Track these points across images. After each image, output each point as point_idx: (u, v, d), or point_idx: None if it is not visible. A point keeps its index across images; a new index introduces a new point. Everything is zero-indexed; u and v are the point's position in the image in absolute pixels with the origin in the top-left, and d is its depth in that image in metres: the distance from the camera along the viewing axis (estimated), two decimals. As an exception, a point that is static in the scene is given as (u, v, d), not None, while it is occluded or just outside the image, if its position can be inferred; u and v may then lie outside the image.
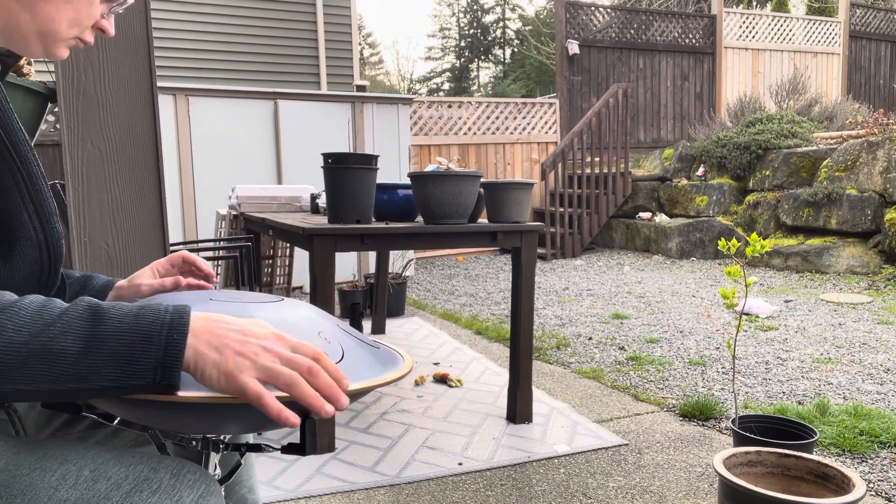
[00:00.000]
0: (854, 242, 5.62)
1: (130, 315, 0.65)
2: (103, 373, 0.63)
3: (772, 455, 1.67)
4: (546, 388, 2.92)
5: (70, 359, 0.62)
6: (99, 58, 1.69)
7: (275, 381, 0.66)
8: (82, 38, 0.84)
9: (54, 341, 0.62)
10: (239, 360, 0.66)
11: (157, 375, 0.64)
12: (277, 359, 0.67)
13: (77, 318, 0.64)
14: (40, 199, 0.82)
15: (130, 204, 1.76)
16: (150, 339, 0.64)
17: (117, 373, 0.63)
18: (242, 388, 0.65)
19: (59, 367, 0.62)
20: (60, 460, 0.71)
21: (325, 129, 5.65)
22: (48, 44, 0.81)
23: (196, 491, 0.71)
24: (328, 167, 2.23)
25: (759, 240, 1.91)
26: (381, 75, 34.49)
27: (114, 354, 0.63)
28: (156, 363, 0.64)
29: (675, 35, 9.51)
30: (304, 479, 2.02)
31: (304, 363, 0.68)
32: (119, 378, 0.63)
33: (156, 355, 0.64)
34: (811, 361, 3.20)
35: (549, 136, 8.64)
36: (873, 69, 10.94)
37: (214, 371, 0.65)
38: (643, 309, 4.55)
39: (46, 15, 0.78)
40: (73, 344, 0.63)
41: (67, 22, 0.80)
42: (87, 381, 0.63)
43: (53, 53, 0.83)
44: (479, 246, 2.51)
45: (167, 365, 0.64)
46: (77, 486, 0.68)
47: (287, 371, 0.66)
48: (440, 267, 7.03)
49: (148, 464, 0.72)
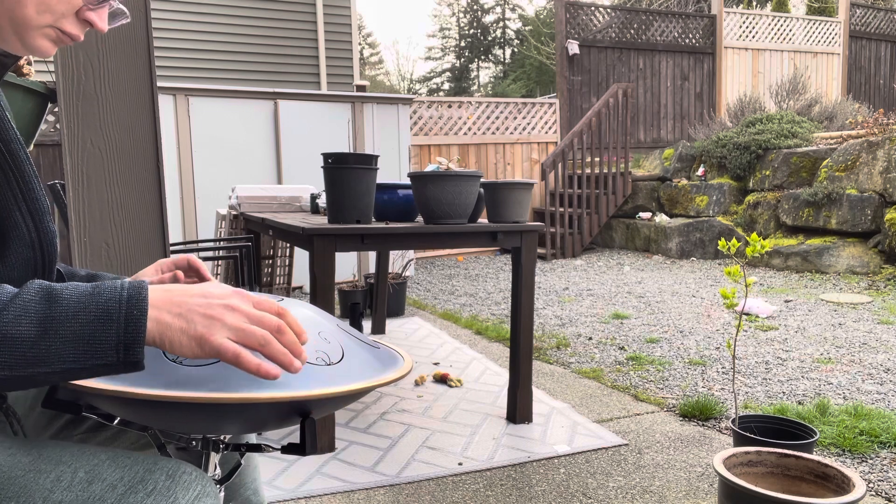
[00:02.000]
0: (854, 242, 5.62)
1: (86, 294, 0.64)
2: (63, 355, 0.62)
3: (772, 455, 1.67)
4: (546, 388, 2.92)
5: (27, 343, 0.61)
6: (99, 58, 1.69)
7: (247, 340, 0.66)
8: (62, 29, 0.80)
9: (8, 326, 0.61)
10: (208, 322, 0.65)
11: (120, 353, 0.63)
12: (245, 317, 0.67)
13: (30, 300, 0.62)
14: (33, 197, 0.81)
15: (130, 204, 1.76)
16: (109, 316, 0.63)
17: (77, 353, 0.62)
18: (218, 349, 0.64)
19: (17, 352, 0.61)
20: (55, 462, 0.71)
21: (325, 129, 5.65)
22: (21, 32, 0.78)
23: (192, 492, 0.71)
24: (328, 167, 2.23)
25: (759, 240, 1.91)
26: (381, 75, 34.49)
27: (72, 335, 0.62)
28: (117, 340, 0.62)
29: (675, 35, 9.51)
30: (304, 479, 2.02)
31: (273, 322, 0.68)
32: (80, 359, 0.62)
33: (116, 332, 0.62)
34: (811, 361, 3.20)
35: (549, 136, 8.64)
36: (873, 69, 10.94)
37: (184, 338, 0.64)
38: (643, 309, 4.55)
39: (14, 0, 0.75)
40: (28, 328, 0.61)
41: (35, 7, 0.76)
42: (46, 364, 0.61)
43: (32, 45, 0.79)
44: (479, 246, 2.51)
45: (129, 341, 0.63)
46: (72, 488, 0.68)
47: (258, 331, 0.66)
48: (440, 267, 7.03)
49: (143, 465, 0.72)
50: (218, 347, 0.64)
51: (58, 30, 0.80)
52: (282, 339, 0.68)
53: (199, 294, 0.67)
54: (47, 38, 0.80)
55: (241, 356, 0.64)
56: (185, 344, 0.65)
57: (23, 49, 0.80)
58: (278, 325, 0.68)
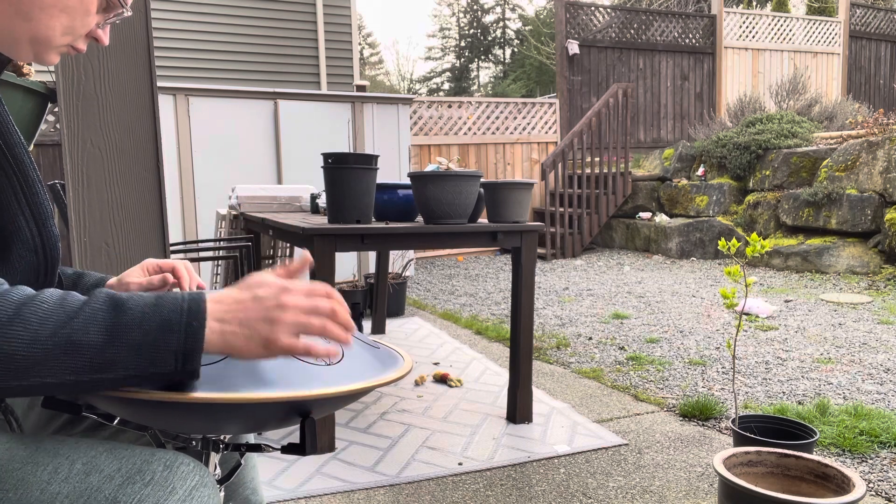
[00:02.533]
0: (854, 242, 5.62)
1: (149, 304, 0.66)
2: (126, 362, 0.64)
3: (772, 455, 1.67)
4: (546, 388, 2.92)
5: (94, 349, 0.63)
6: (99, 58, 1.69)
7: (309, 332, 0.70)
8: (75, 46, 0.84)
9: (78, 333, 0.63)
10: (270, 327, 0.68)
11: (179, 362, 0.65)
12: (301, 311, 0.70)
13: (98, 309, 0.65)
14: (37, 202, 0.82)
15: (130, 204, 1.76)
16: (170, 326, 0.65)
17: (139, 361, 0.64)
18: (288, 350, 0.69)
19: (84, 357, 0.63)
20: (52, 454, 0.71)
21: (325, 129, 5.65)
22: (40, 50, 0.81)
23: (189, 482, 0.71)
24: (328, 167, 2.23)
25: (759, 240, 1.91)
26: (381, 75, 34.49)
27: (136, 343, 0.64)
28: (177, 350, 0.65)
29: (675, 35, 9.51)
30: (304, 479, 2.02)
31: (327, 307, 0.72)
32: (141, 366, 0.64)
33: (177, 342, 0.65)
34: (811, 361, 3.20)
35: (549, 136, 8.64)
36: (873, 69, 10.94)
37: (252, 345, 0.68)
38: (643, 309, 4.55)
39: (41, 22, 0.78)
40: (96, 335, 0.63)
41: (62, 30, 0.80)
42: (110, 371, 0.64)
43: (44, 59, 0.83)
44: (479, 246, 2.50)
45: (188, 351, 0.65)
46: (69, 480, 0.68)
47: (316, 320, 0.71)
48: (440, 267, 7.03)
49: (141, 456, 0.72)
50: (287, 348, 0.69)
51: (70, 46, 0.84)
52: (337, 319, 0.72)
53: (250, 300, 0.70)
54: (58, 53, 0.84)
55: (312, 349, 0.69)
56: (253, 349, 0.68)
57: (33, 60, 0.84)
58: (331, 309, 0.72)
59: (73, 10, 0.79)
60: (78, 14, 0.80)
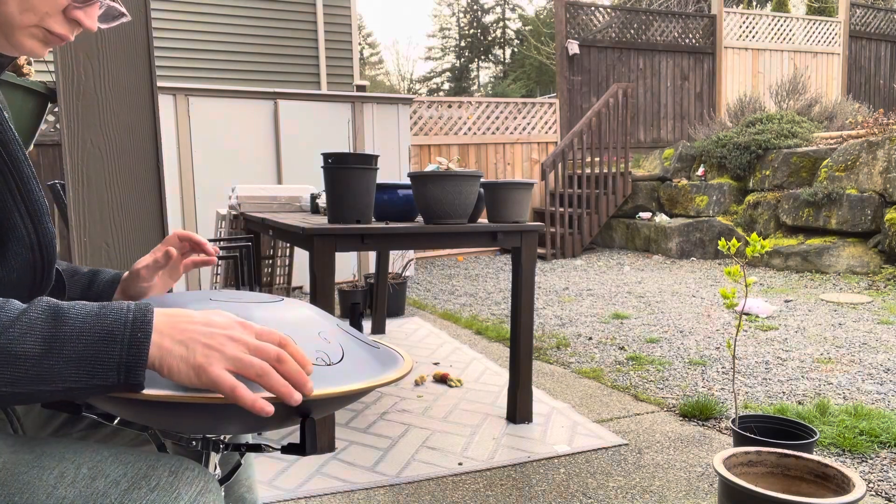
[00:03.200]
0: (854, 242, 5.62)
1: (91, 315, 0.64)
2: (65, 374, 0.62)
3: (772, 455, 1.67)
4: (546, 388, 2.92)
5: (30, 361, 0.61)
6: (99, 58, 1.69)
7: (245, 371, 0.65)
8: (49, 29, 0.79)
9: (13, 343, 0.61)
10: (207, 352, 0.65)
11: (121, 375, 0.63)
12: (245, 348, 0.66)
13: (36, 318, 0.62)
14: (32, 199, 0.81)
15: (130, 204, 1.76)
16: (113, 338, 0.63)
17: (79, 374, 0.62)
18: (215, 381, 0.64)
19: (19, 369, 0.61)
20: (58, 458, 0.71)
21: (325, 129, 5.65)
22: (6, 32, 0.77)
23: (194, 488, 0.71)
24: (328, 167, 2.23)
25: (759, 240, 1.91)
26: (381, 75, 34.49)
27: (75, 355, 0.62)
28: (119, 362, 0.63)
29: (675, 35, 9.51)
30: (304, 479, 2.02)
31: (273, 351, 0.66)
32: (81, 379, 0.62)
33: (119, 355, 0.63)
34: (811, 361, 3.20)
35: (549, 136, 8.64)
36: (873, 69, 10.94)
37: (183, 366, 0.64)
38: (643, 309, 4.55)
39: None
40: (32, 346, 0.61)
41: (18, 6, 0.76)
42: (47, 383, 0.62)
43: (19, 44, 0.79)
44: (479, 246, 2.51)
45: (131, 364, 0.63)
46: (75, 484, 0.68)
47: (257, 361, 0.65)
48: (440, 267, 7.03)
49: (146, 461, 0.72)
50: (216, 379, 0.64)
51: (44, 29, 0.79)
52: (281, 368, 0.66)
53: (202, 322, 0.67)
54: (34, 38, 0.79)
55: (237, 390, 0.63)
56: (182, 371, 0.64)
57: (11, 49, 0.80)
58: (277, 355, 0.66)
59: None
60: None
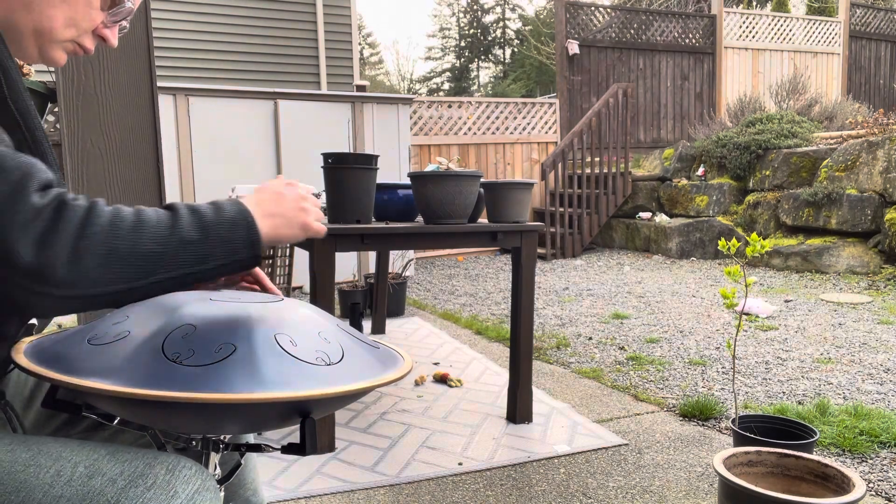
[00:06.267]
0: (854, 242, 5.62)
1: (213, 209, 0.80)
2: (216, 253, 0.77)
3: (772, 455, 1.67)
4: (546, 387, 2.92)
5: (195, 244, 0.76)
6: (99, 58, 1.69)
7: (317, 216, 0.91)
8: (81, 44, 0.85)
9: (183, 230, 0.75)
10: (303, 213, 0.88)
11: (249, 249, 0.80)
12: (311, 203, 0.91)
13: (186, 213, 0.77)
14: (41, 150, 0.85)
15: (130, 204, 1.76)
16: (237, 222, 0.80)
17: (224, 251, 0.78)
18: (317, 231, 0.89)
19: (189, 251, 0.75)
20: (55, 457, 0.71)
21: (325, 129, 5.65)
22: (43, 43, 0.81)
23: (191, 486, 0.71)
24: (328, 167, 2.23)
25: (759, 240, 1.91)
26: (381, 75, 34.48)
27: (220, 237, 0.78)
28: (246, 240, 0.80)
29: (675, 35, 9.51)
30: (304, 479, 2.02)
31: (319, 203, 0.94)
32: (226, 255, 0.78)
33: (245, 234, 0.80)
34: (811, 361, 3.20)
35: (549, 136, 8.64)
36: (873, 69, 10.94)
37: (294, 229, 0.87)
38: (643, 309, 4.55)
39: (42, 12, 0.79)
40: (195, 232, 0.76)
41: (63, 21, 0.81)
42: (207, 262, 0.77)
43: (49, 56, 0.84)
44: (479, 246, 2.50)
45: (254, 240, 0.81)
46: (72, 483, 0.68)
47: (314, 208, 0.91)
48: (440, 267, 7.03)
49: (143, 459, 0.72)
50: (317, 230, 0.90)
51: (76, 44, 0.86)
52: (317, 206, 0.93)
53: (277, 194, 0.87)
54: (64, 51, 0.86)
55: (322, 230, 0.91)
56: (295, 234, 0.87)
57: (38, 58, 0.85)
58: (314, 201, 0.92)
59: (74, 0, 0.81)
60: (79, 5, 0.81)
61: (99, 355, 0.73)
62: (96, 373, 0.70)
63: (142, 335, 0.75)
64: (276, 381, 0.71)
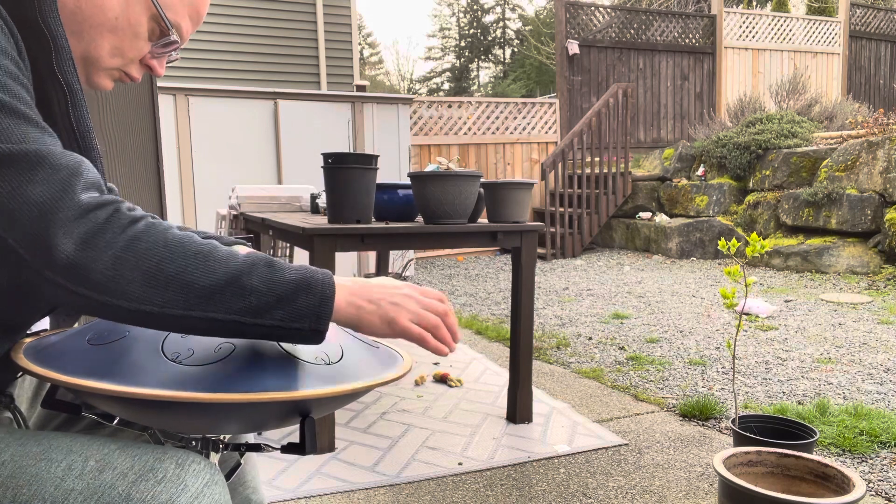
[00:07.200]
0: (854, 242, 5.62)
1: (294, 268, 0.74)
2: (274, 312, 0.70)
3: (772, 455, 1.67)
4: (546, 387, 2.92)
5: (255, 294, 0.69)
6: (99, 58, 1.69)
7: (423, 322, 0.79)
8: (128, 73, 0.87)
9: (244, 277, 0.69)
10: (395, 308, 0.78)
11: (313, 321, 0.72)
12: (419, 305, 0.79)
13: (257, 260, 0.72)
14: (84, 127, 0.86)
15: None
16: (311, 289, 0.72)
17: (283, 313, 0.70)
18: (405, 330, 0.78)
19: (246, 300, 0.69)
20: (66, 451, 0.72)
21: (325, 129, 5.65)
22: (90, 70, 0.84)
23: (201, 479, 0.72)
24: (328, 167, 2.23)
25: (759, 240, 1.91)
26: (381, 75, 34.49)
27: (285, 296, 0.71)
28: (313, 310, 0.72)
29: (675, 35, 9.51)
30: (304, 479, 2.02)
31: (441, 308, 0.81)
32: (284, 319, 0.70)
33: (314, 303, 0.72)
34: (811, 361, 3.20)
35: (549, 136, 8.64)
36: (873, 69, 10.94)
37: (377, 319, 0.77)
38: (643, 309, 4.55)
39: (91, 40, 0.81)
40: (258, 282, 0.70)
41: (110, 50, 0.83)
42: (262, 317, 0.69)
43: (95, 82, 0.86)
44: (479, 246, 2.50)
45: (322, 313, 0.72)
46: (83, 476, 0.69)
47: (431, 316, 0.79)
48: (440, 267, 7.03)
49: (153, 454, 0.73)
50: (406, 329, 0.77)
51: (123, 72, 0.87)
52: (447, 321, 0.81)
53: (379, 286, 0.79)
54: (111, 78, 0.87)
55: (426, 338, 0.78)
56: (376, 324, 0.77)
57: (85, 83, 0.86)
58: (445, 311, 0.81)
59: (121, 30, 0.82)
60: (126, 36, 0.83)
61: (99, 355, 0.73)
62: (96, 373, 0.70)
63: (141, 335, 0.76)
64: (276, 380, 0.72)
